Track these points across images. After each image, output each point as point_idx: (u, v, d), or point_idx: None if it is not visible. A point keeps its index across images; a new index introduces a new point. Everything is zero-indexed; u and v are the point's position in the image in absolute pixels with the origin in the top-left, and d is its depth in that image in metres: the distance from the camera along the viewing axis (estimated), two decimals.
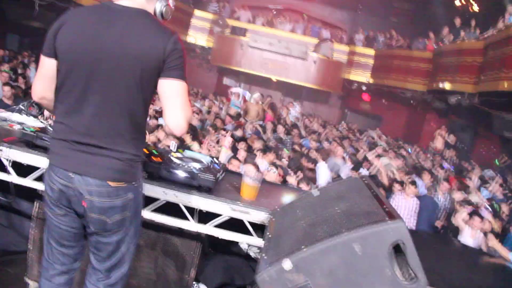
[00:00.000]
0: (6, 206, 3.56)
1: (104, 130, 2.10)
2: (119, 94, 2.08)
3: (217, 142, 7.93)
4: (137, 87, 2.07)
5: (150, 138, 6.73)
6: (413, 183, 7.37)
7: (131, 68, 2.05)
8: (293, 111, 14.57)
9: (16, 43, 16.85)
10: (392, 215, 1.80)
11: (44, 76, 2.23)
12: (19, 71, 11.83)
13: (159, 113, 8.92)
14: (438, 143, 15.46)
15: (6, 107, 3.77)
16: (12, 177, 2.81)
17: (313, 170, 7.29)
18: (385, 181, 8.22)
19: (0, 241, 3.71)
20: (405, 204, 7.33)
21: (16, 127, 3.21)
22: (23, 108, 3.49)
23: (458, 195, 7.70)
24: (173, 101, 2.11)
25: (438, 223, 7.59)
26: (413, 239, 1.75)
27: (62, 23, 2.14)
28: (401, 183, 7.71)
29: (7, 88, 7.89)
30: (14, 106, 3.58)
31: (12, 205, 3.54)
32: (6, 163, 2.78)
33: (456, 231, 6.72)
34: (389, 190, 7.99)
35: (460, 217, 6.58)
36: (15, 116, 3.44)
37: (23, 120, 3.38)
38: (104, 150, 2.10)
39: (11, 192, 2.88)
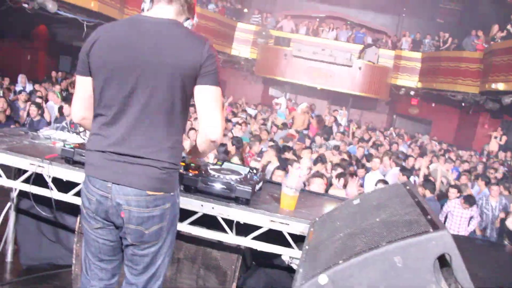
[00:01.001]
0: (53, 221, 3.65)
1: (142, 140, 2.10)
2: (157, 103, 2.08)
3: (262, 152, 7.91)
4: (176, 95, 2.09)
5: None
6: (468, 197, 7.10)
7: (170, 77, 2.06)
8: (339, 119, 14.41)
9: (68, 64, 17.52)
10: (436, 224, 1.68)
11: (82, 96, 2.25)
12: (71, 90, 12.28)
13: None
14: (493, 146, 14.88)
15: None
16: (53, 193, 2.86)
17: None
18: (439, 186, 7.98)
19: (48, 254, 3.83)
20: (460, 210, 7.07)
21: (58, 144, 3.29)
22: (66, 125, 3.57)
23: None
24: (209, 106, 2.13)
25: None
26: (465, 246, 1.63)
27: (94, 40, 2.15)
28: (458, 189, 7.45)
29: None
30: (58, 124, 3.67)
31: (59, 220, 3.63)
32: (47, 179, 2.83)
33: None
34: (444, 196, 7.77)
35: None
36: (58, 134, 3.53)
37: (65, 137, 3.45)
38: (142, 159, 2.10)
39: (53, 208, 2.93)
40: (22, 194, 3.52)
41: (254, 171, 2.90)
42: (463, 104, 16.93)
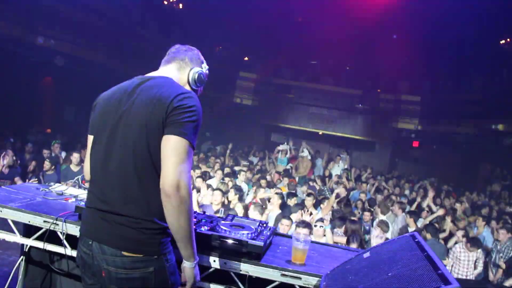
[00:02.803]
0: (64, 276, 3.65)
1: (119, 197, 2.09)
2: (130, 159, 2.07)
3: (268, 200, 7.94)
4: (147, 150, 2.05)
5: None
6: (474, 240, 7.10)
7: (138, 132, 2.06)
8: (341, 164, 14.46)
9: (72, 115, 17.71)
10: (447, 279, 1.72)
11: (89, 154, 2.34)
12: None
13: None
14: (496, 186, 14.91)
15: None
16: (67, 250, 2.90)
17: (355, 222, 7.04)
18: (447, 229, 7.99)
19: None
20: (466, 253, 7.03)
21: (71, 200, 3.36)
22: (77, 182, 3.64)
23: None
24: (167, 158, 2.01)
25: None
26: None
27: (96, 102, 2.33)
28: (465, 232, 7.46)
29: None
30: (71, 180, 3.74)
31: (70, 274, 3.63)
32: (61, 236, 2.88)
33: None
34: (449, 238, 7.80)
35: None
36: (70, 190, 3.61)
37: (77, 193, 3.53)
38: (120, 217, 2.07)
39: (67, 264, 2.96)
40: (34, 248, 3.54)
41: (264, 225, 2.95)
42: (464, 146, 17.06)
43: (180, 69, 2.36)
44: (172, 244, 2.19)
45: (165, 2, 16.91)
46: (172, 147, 2.00)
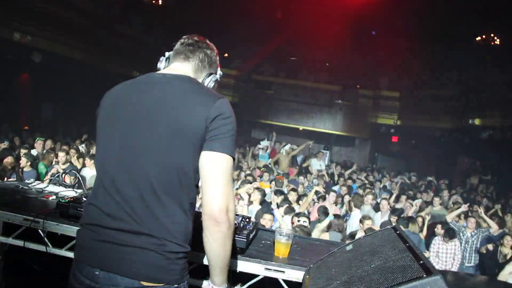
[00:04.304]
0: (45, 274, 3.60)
1: (137, 212, 1.78)
2: (156, 169, 1.78)
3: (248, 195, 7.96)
4: (177, 160, 1.78)
5: None
6: (449, 231, 7.23)
7: (167, 138, 1.78)
8: (322, 160, 14.55)
9: (51, 112, 17.45)
10: (429, 269, 1.75)
11: None
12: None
13: None
14: (474, 179, 15.20)
15: None
16: (48, 248, 2.86)
17: (339, 217, 7.11)
18: (424, 223, 8.10)
19: None
20: (444, 246, 7.16)
21: (51, 198, 3.31)
22: (57, 178, 3.59)
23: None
24: (213, 178, 1.77)
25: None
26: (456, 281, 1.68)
27: (102, 101, 2.01)
28: (444, 226, 7.59)
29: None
30: (50, 177, 3.68)
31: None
32: (42, 234, 2.84)
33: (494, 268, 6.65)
34: (430, 233, 7.90)
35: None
36: (50, 187, 3.55)
37: (58, 191, 3.47)
38: (138, 237, 1.76)
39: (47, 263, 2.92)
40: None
41: (247, 220, 2.95)
42: (441, 140, 17.31)
43: (197, 71, 2.06)
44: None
45: None
46: (218, 166, 1.78)
